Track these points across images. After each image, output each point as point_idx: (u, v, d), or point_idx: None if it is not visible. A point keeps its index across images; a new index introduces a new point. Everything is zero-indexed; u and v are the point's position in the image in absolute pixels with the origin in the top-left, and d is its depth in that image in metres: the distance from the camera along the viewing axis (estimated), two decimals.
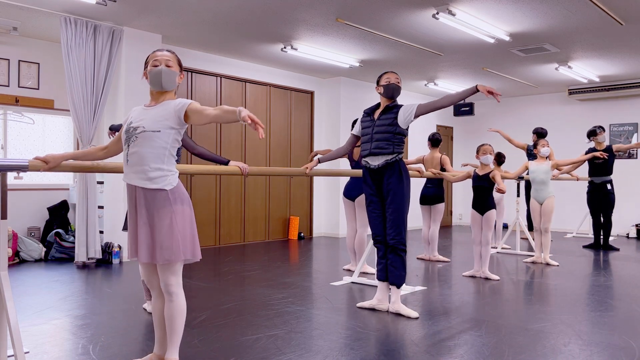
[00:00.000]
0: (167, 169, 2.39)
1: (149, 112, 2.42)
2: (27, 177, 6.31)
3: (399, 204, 3.70)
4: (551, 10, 5.35)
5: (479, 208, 5.24)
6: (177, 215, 2.37)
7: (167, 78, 2.44)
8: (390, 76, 3.79)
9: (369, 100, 9.28)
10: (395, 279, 3.78)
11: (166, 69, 2.44)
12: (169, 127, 2.37)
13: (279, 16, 5.59)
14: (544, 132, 7.50)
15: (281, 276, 5.18)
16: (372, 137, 3.76)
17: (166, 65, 2.44)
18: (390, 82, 3.77)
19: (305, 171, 3.99)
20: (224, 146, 7.52)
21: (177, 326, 2.42)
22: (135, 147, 2.36)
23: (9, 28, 5.77)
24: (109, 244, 6.03)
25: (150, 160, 2.35)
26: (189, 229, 2.42)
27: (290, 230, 8.45)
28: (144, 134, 2.35)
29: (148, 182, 2.35)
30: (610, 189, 7.14)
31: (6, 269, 2.46)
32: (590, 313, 3.82)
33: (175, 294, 2.41)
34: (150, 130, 2.35)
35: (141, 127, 2.37)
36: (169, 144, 2.39)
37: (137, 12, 5.49)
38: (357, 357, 2.84)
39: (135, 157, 2.36)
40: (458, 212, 11.59)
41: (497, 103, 11.04)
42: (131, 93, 6.09)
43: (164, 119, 2.37)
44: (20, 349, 2.35)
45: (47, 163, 2.44)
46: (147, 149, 2.35)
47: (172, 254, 2.35)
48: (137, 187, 2.38)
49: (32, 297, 4.25)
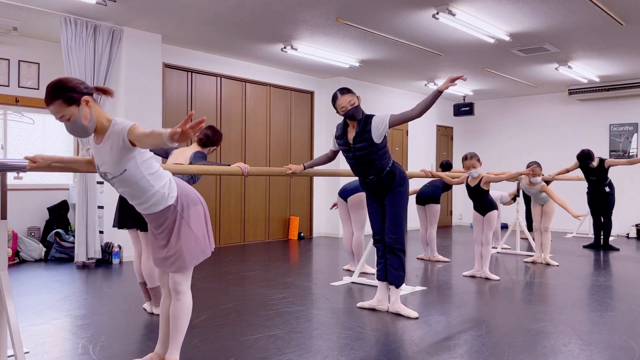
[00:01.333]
0: (159, 187, 2.31)
1: (102, 151, 2.21)
2: (27, 177, 6.31)
3: (397, 204, 3.70)
4: (551, 10, 5.34)
5: (479, 210, 5.27)
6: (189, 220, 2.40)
7: (78, 132, 2.13)
8: (341, 102, 3.51)
9: (369, 100, 9.29)
10: (394, 279, 3.78)
11: (67, 125, 2.12)
12: (129, 160, 2.17)
13: (279, 16, 5.59)
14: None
15: (281, 276, 5.18)
16: (357, 162, 3.66)
17: (67, 120, 2.10)
18: (345, 109, 3.51)
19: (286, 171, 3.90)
20: (224, 146, 7.52)
21: (181, 326, 2.43)
22: (120, 188, 2.31)
23: (9, 28, 5.77)
24: (109, 244, 6.03)
25: (141, 193, 2.29)
26: (200, 230, 2.45)
27: (290, 230, 8.45)
28: (115, 179, 2.25)
29: (152, 208, 2.36)
30: (609, 191, 7.13)
31: (6, 269, 2.46)
32: (590, 313, 3.82)
33: (182, 292, 2.43)
34: (119, 174, 2.21)
35: (109, 172, 2.24)
36: (144, 169, 2.24)
37: (137, 12, 5.49)
38: (357, 357, 2.84)
39: (126, 194, 2.35)
40: (458, 212, 11.59)
41: (495, 102, 11.03)
42: (131, 93, 6.09)
43: (118, 156, 2.15)
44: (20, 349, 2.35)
45: (35, 162, 2.39)
46: (129, 188, 2.28)
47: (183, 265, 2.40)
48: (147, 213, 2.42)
49: (32, 297, 4.25)
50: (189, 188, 2.47)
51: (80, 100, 2.10)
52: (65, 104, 2.08)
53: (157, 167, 2.34)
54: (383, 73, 8.45)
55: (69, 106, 2.08)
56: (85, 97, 2.11)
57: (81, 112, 2.10)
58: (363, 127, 3.54)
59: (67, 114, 2.09)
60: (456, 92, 10.03)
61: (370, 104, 9.34)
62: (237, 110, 7.71)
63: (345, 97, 3.52)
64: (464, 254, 6.80)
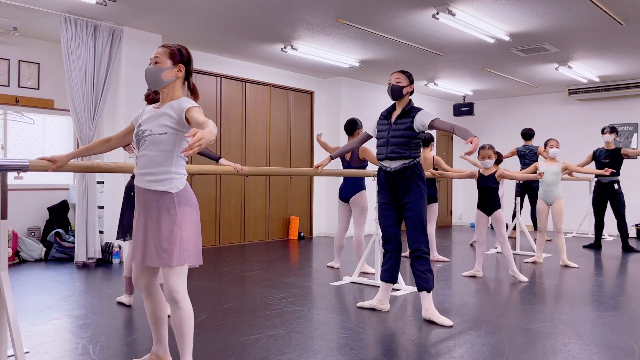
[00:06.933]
0: (174, 172, 2.36)
1: (155, 113, 2.39)
2: (27, 177, 6.31)
3: (418, 207, 3.62)
4: (551, 10, 5.35)
5: (485, 208, 5.22)
6: (181, 217, 2.34)
7: (150, 77, 2.38)
8: (392, 77, 3.75)
9: (369, 100, 9.29)
10: (424, 284, 3.62)
11: (150, 68, 2.38)
12: (174, 130, 2.34)
13: (279, 16, 5.59)
14: (530, 132, 7.50)
15: (281, 276, 5.18)
16: (388, 141, 3.70)
17: (155, 63, 2.37)
18: (390, 83, 3.75)
19: (317, 170, 4.09)
20: (224, 146, 7.52)
21: (187, 333, 2.35)
22: (144, 150, 2.35)
23: (9, 28, 5.77)
24: (109, 244, 6.03)
25: (158, 163, 2.33)
26: (194, 233, 2.38)
27: (290, 230, 8.45)
28: (151, 137, 2.34)
29: (154, 185, 2.34)
30: (618, 188, 7.04)
31: (6, 269, 2.46)
32: (590, 313, 3.82)
33: (181, 300, 2.33)
34: (157, 134, 2.33)
35: (148, 130, 2.36)
36: (177, 146, 2.36)
37: (137, 12, 5.49)
38: (357, 357, 2.84)
39: (143, 159, 2.35)
40: (458, 212, 11.58)
41: (495, 102, 11.04)
42: (131, 93, 6.09)
43: (168, 121, 2.33)
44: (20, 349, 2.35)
45: (55, 162, 2.45)
46: (155, 152, 2.33)
47: (172, 257, 2.30)
48: (145, 189, 2.37)
49: (32, 297, 4.25)
50: (194, 196, 2.46)
51: (178, 64, 2.40)
52: (168, 56, 2.39)
53: (185, 159, 2.44)
54: (383, 73, 8.45)
55: (169, 58, 2.39)
56: (181, 66, 2.41)
57: (170, 69, 2.39)
58: (408, 112, 3.71)
59: (161, 60, 2.37)
60: (456, 92, 10.03)
61: (371, 103, 9.34)
62: (237, 110, 7.71)
63: (396, 75, 3.75)
64: (464, 254, 6.80)
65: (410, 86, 3.74)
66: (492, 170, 5.18)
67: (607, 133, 7.04)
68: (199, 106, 2.30)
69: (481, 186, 5.24)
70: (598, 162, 7.20)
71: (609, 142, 7.10)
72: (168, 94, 2.42)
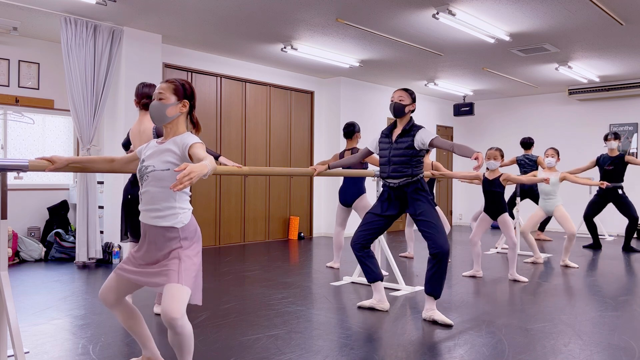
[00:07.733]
0: (178, 207, 2.35)
1: (159, 149, 2.38)
2: (27, 177, 6.31)
3: (429, 212, 3.61)
4: (551, 10, 5.35)
5: (491, 213, 5.18)
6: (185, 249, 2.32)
7: (155, 113, 2.38)
8: (394, 94, 3.77)
9: (369, 100, 9.29)
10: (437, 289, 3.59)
11: (155, 104, 2.38)
12: (176, 166, 2.31)
13: (279, 16, 5.59)
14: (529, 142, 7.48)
15: (281, 276, 5.18)
16: (389, 160, 3.73)
17: (159, 99, 2.37)
18: (392, 100, 3.76)
19: (312, 172, 4.04)
20: (224, 146, 7.52)
21: (187, 348, 2.26)
22: (147, 186, 2.35)
23: (9, 28, 5.77)
24: (109, 244, 6.03)
25: (161, 199, 2.32)
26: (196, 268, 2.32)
27: (290, 230, 8.45)
28: (154, 173, 2.33)
29: (159, 220, 2.32)
30: (622, 193, 6.99)
31: (6, 269, 2.46)
32: (590, 313, 3.82)
33: (180, 327, 2.17)
34: (160, 170, 2.32)
35: (151, 166, 2.35)
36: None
37: (137, 12, 5.49)
38: (357, 357, 2.84)
39: (147, 196, 2.35)
40: (458, 212, 11.58)
41: (495, 101, 11.04)
42: (131, 93, 6.08)
43: (171, 157, 2.33)
44: (20, 349, 2.35)
45: (53, 163, 2.44)
46: (157, 189, 2.32)
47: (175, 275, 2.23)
48: (149, 225, 2.35)
49: (32, 297, 4.25)
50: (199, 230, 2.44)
51: (182, 99, 2.42)
52: (172, 91, 2.40)
53: (189, 194, 2.44)
54: (383, 73, 8.45)
55: (173, 94, 2.39)
56: (185, 101, 2.42)
57: (174, 105, 2.39)
58: (409, 130, 3.71)
59: (165, 97, 2.38)
60: (456, 92, 10.03)
61: (371, 104, 9.34)
62: (237, 110, 7.71)
63: (398, 92, 3.77)
64: (464, 254, 6.80)
65: (412, 104, 3.77)
66: (496, 174, 5.16)
67: (610, 140, 6.92)
68: (201, 142, 2.32)
69: (486, 190, 5.20)
70: (602, 169, 7.08)
71: (612, 149, 6.99)
72: (172, 129, 2.42)
